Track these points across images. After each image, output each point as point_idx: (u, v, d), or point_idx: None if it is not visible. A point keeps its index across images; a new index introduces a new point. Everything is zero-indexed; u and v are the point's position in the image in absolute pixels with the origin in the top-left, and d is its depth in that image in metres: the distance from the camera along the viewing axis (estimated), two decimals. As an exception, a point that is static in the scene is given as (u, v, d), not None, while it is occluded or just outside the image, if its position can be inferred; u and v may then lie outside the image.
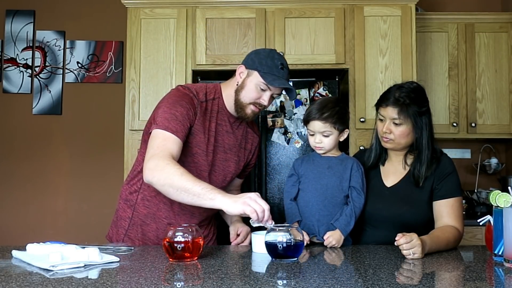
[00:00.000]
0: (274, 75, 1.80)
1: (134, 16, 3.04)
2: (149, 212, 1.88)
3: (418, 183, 1.81)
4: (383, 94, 1.86)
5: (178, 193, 1.60)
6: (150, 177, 1.65)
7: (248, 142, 2.01)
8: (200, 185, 1.57)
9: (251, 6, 3.05)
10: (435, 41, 3.34)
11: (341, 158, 1.85)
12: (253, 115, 1.89)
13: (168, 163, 1.63)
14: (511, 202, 1.45)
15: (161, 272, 1.31)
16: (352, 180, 1.80)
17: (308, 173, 1.84)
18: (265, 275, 1.31)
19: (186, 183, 1.58)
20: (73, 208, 3.67)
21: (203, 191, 1.55)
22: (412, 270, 1.32)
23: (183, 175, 1.60)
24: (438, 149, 1.86)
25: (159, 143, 1.71)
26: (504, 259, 1.39)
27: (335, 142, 1.83)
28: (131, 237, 1.90)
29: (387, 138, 1.82)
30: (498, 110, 3.32)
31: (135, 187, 1.91)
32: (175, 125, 1.74)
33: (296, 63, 3.00)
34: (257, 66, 1.82)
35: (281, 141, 2.94)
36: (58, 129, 3.71)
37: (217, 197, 1.54)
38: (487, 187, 3.50)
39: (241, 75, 1.86)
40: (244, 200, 1.51)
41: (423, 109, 1.80)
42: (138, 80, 3.01)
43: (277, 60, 1.83)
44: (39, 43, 3.73)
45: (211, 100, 1.89)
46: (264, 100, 1.84)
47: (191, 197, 1.57)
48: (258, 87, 1.82)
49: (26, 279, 1.20)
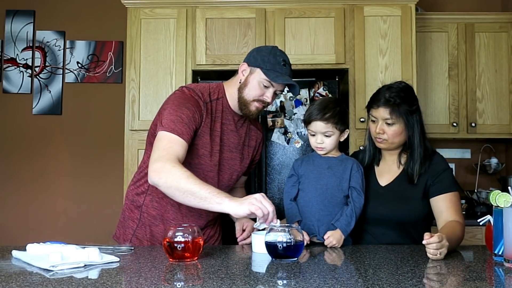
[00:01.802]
0: (277, 72, 1.81)
1: (134, 16, 3.04)
2: (157, 214, 1.88)
3: (413, 180, 1.83)
4: (373, 96, 1.88)
5: (185, 196, 1.60)
6: (156, 179, 1.65)
7: (252, 139, 2.01)
8: (207, 189, 1.57)
9: (251, 6, 3.06)
10: (435, 41, 3.34)
11: (341, 159, 1.85)
12: (257, 112, 1.89)
13: (174, 165, 1.63)
14: (511, 202, 1.45)
15: (161, 272, 1.31)
16: (352, 181, 1.81)
17: (308, 174, 1.84)
18: (265, 275, 1.31)
19: (193, 186, 1.58)
20: (73, 208, 3.67)
21: (210, 195, 1.56)
22: (412, 270, 1.32)
23: (189, 178, 1.60)
24: (430, 148, 1.87)
25: (165, 145, 1.70)
26: (504, 259, 1.39)
27: (336, 143, 1.83)
28: (139, 237, 1.91)
29: (380, 138, 1.84)
30: (498, 110, 3.32)
31: (142, 188, 1.91)
32: (181, 127, 1.73)
33: (296, 63, 2.99)
34: (260, 63, 1.82)
35: (281, 141, 2.94)
36: (58, 129, 3.71)
37: (224, 201, 1.54)
38: (487, 187, 3.50)
39: (244, 73, 1.87)
40: (250, 201, 1.52)
41: (414, 107, 1.83)
42: (138, 80, 3.01)
43: (279, 57, 1.83)
44: (39, 43, 3.73)
45: (215, 100, 1.89)
46: (268, 97, 1.84)
47: (198, 200, 1.58)
48: (261, 84, 1.83)
49: (26, 279, 1.20)
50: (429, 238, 1.46)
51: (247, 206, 1.51)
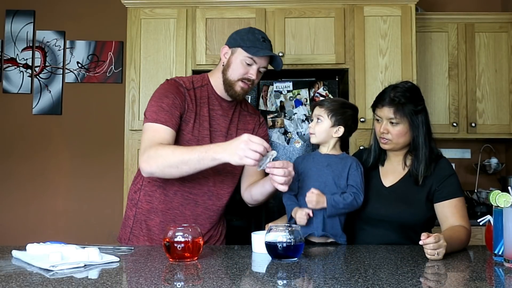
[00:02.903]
0: (257, 47, 1.82)
1: (134, 16, 3.04)
2: (151, 207, 1.89)
3: (418, 182, 1.81)
4: (379, 95, 1.87)
5: (180, 169, 1.66)
6: (148, 167, 1.70)
7: (248, 123, 2.00)
8: (195, 152, 1.63)
9: (251, 6, 3.06)
10: (435, 41, 3.34)
11: (341, 157, 1.86)
12: (243, 92, 1.89)
13: (157, 148, 1.70)
14: (511, 202, 1.45)
15: (161, 272, 1.31)
16: (350, 179, 1.80)
17: (307, 171, 1.85)
18: (265, 275, 1.31)
19: (182, 156, 1.64)
20: (73, 208, 3.67)
21: (201, 155, 1.62)
22: (412, 270, 1.32)
23: (175, 151, 1.66)
24: (436, 150, 1.86)
25: (149, 136, 1.77)
26: (504, 259, 1.39)
27: (332, 137, 1.84)
28: (136, 234, 1.91)
29: (385, 139, 1.83)
30: (498, 110, 3.32)
31: (138, 185, 1.94)
32: (163, 115, 1.78)
33: (296, 63, 3.00)
34: (240, 42, 1.85)
35: (281, 141, 2.94)
36: (58, 129, 3.71)
37: (217, 155, 1.60)
38: (487, 187, 3.50)
39: (226, 55, 1.89)
40: (239, 153, 1.56)
41: (419, 107, 1.82)
42: (138, 80, 3.01)
43: (258, 34, 1.86)
44: (39, 43, 3.73)
45: (200, 87, 1.91)
46: (252, 74, 1.85)
47: (194, 165, 1.64)
48: (243, 62, 1.84)
49: (26, 279, 1.20)
50: (425, 238, 1.46)
51: (239, 160, 1.56)
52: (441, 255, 1.46)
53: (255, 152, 1.55)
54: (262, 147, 1.56)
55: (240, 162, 1.57)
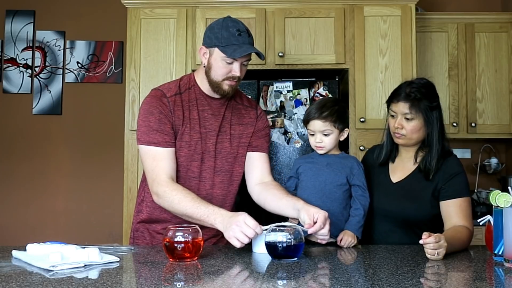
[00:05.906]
0: (234, 45, 1.75)
1: (134, 16, 3.04)
2: (154, 216, 1.89)
3: (428, 176, 1.81)
4: (394, 91, 1.88)
5: (183, 216, 1.71)
6: (157, 202, 1.79)
7: (243, 118, 1.94)
8: (199, 211, 1.66)
9: (251, 6, 3.06)
10: (435, 41, 3.34)
11: (341, 156, 1.87)
12: (232, 89, 1.84)
13: (165, 190, 1.73)
14: (511, 202, 1.45)
15: (161, 272, 1.31)
16: (355, 179, 1.82)
17: (307, 171, 1.86)
18: (265, 275, 1.31)
19: (185, 210, 1.68)
20: (73, 208, 3.67)
21: (202, 217, 1.65)
22: (412, 270, 1.32)
23: (181, 202, 1.69)
24: (447, 147, 1.87)
25: (151, 164, 1.78)
26: (504, 259, 1.39)
27: (335, 141, 1.84)
28: (139, 243, 1.92)
29: (399, 133, 1.83)
30: (498, 110, 3.32)
31: (142, 196, 1.94)
32: (154, 136, 1.78)
33: (296, 63, 3.00)
34: (215, 42, 1.78)
35: (281, 141, 2.94)
36: (58, 129, 3.71)
37: (215, 225, 1.62)
38: (487, 187, 3.50)
39: (205, 56, 1.83)
40: (229, 232, 1.55)
41: (434, 104, 1.83)
42: (138, 80, 3.01)
43: (232, 28, 1.77)
44: (39, 43, 3.73)
45: (187, 90, 1.87)
46: (236, 71, 1.79)
47: (195, 221, 1.66)
48: (224, 62, 1.78)
49: (26, 279, 1.20)
50: (426, 237, 1.46)
51: (227, 236, 1.56)
52: (441, 255, 1.46)
53: (245, 236, 1.52)
54: (254, 232, 1.53)
55: (228, 240, 1.56)
